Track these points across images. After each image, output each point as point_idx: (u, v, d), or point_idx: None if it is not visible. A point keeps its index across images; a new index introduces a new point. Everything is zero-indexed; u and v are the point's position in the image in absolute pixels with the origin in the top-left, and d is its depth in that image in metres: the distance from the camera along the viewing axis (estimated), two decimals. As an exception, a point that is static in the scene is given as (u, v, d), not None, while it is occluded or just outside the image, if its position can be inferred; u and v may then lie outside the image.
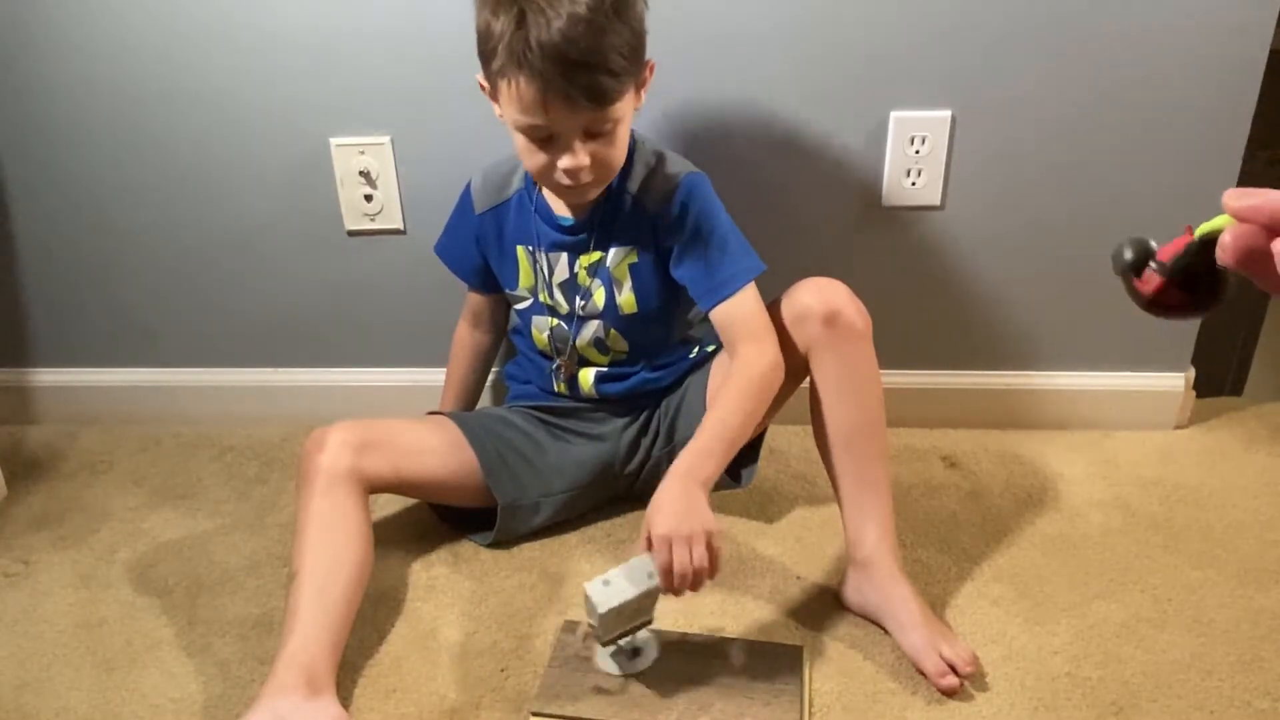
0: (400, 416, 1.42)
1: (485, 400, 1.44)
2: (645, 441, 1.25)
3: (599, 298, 1.18)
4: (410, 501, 1.30)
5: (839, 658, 1.05)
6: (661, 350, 1.23)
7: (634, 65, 1.00)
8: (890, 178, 1.32)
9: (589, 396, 1.24)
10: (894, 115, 1.29)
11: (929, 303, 1.40)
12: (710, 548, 0.95)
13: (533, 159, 1.04)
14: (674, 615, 1.11)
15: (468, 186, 1.22)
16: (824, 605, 1.12)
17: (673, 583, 0.95)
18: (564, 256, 1.17)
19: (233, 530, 1.29)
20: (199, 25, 1.29)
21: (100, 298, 1.48)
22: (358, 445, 1.09)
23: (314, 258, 1.43)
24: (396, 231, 1.40)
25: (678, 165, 1.14)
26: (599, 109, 0.98)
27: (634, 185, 1.13)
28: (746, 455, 1.22)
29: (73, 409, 1.54)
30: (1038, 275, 1.37)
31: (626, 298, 1.17)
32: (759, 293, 1.13)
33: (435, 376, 1.48)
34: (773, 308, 1.14)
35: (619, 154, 1.06)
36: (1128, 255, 0.50)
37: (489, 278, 1.26)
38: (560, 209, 1.16)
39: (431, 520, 1.27)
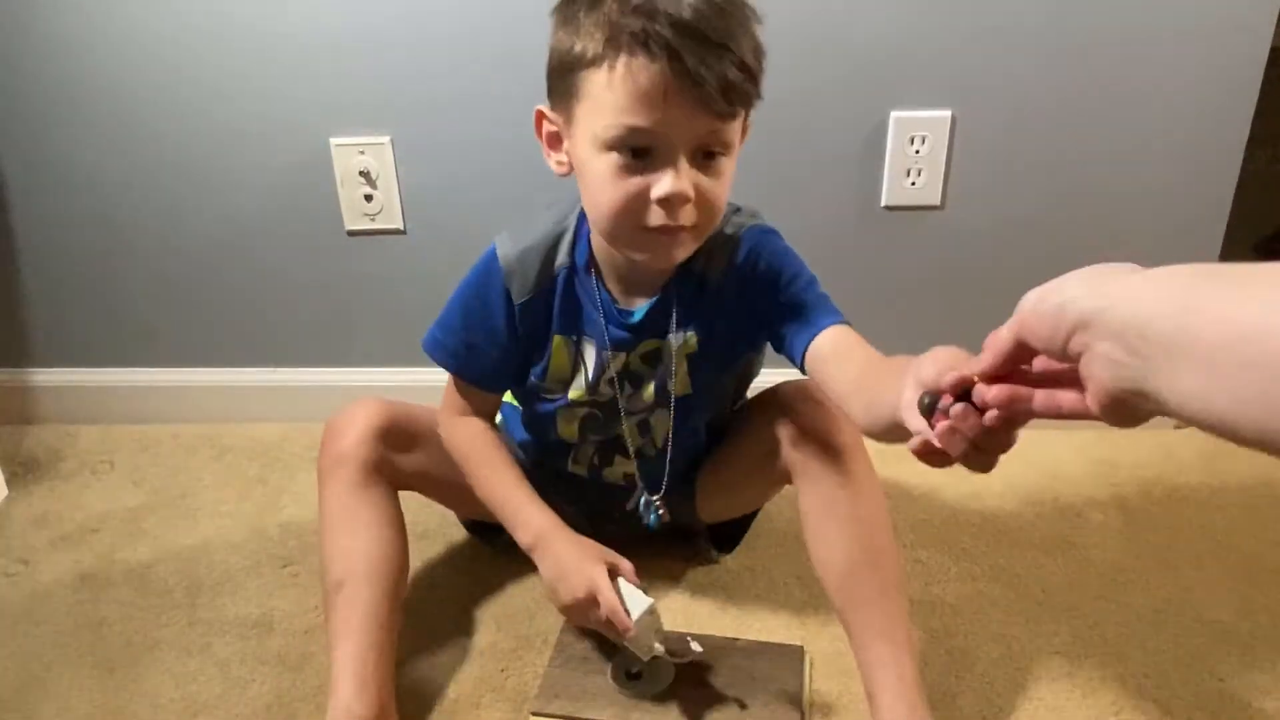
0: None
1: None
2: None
3: (649, 390, 1.00)
4: (410, 501, 1.30)
5: (839, 658, 1.05)
6: (700, 429, 1.07)
7: (758, 86, 0.82)
8: (890, 178, 1.32)
9: (610, 483, 1.09)
10: (894, 115, 1.29)
11: (929, 303, 1.40)
12: None
13: (618, 189, 0.81)
14: (675, 616, 1.11)
15: (493, 263, 0.96)
16: (824, 605, 1.12)
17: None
18: (622, 354, 0.98)
19: (233, 530, 1.29)
20: (199, 25, 1.29)
21: (100, 298, 1.48)
22: (388, 434, 1.00)
23: (314, 258, 1.43)
24: (396, 231, 1.40)
25: (735, 221, 0.96)
26: (725, 111, 0.79)
27: (700, 260, 0.93)
28: (736, 535, 1.19)
29: (73, 409, 1.54)
30: (1038, 275, 1.35)
31: (680, 380, 0.99)
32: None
33: (435, 376, 1.47)
34: (751, 411, 1.04)
35: (723, 199, 0.85)
36: (927, 401, 0.62)
37: (506, 375, 1.03)
38: (626, 299, 0.96)
39: (435, 522, 1.27)
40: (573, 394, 1.01)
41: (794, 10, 1.24)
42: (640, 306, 0.96)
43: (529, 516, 0.97)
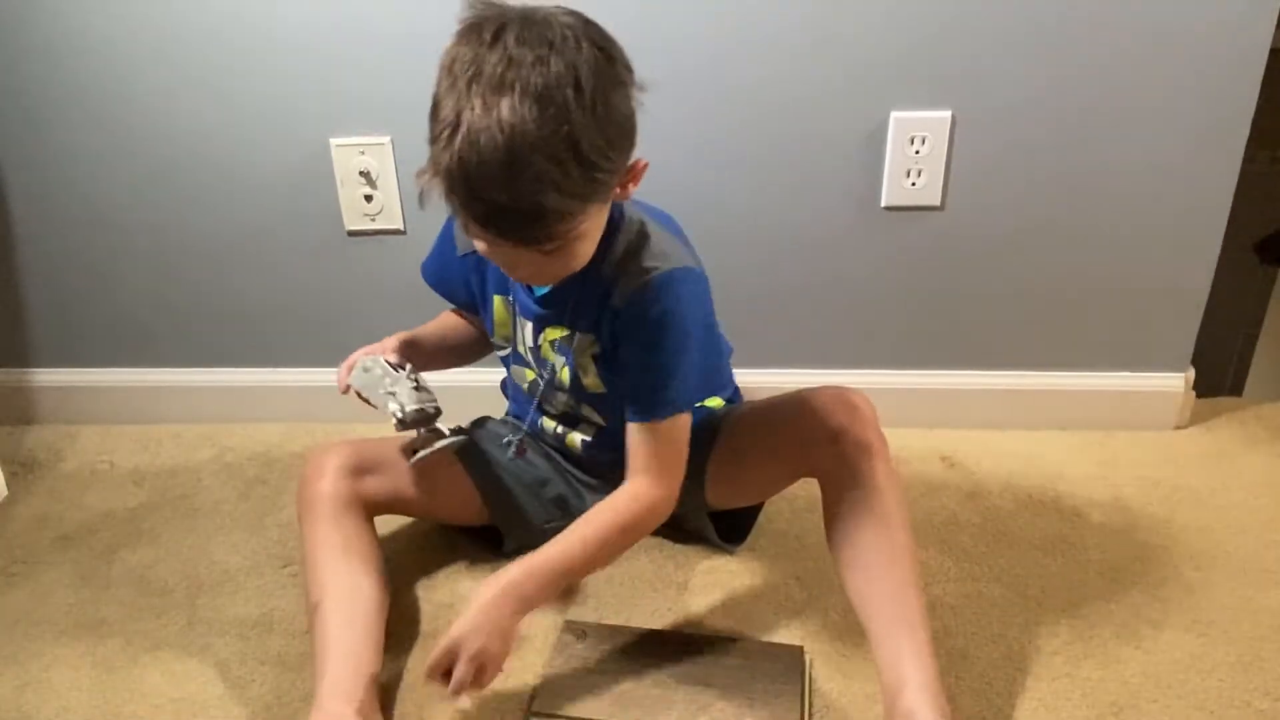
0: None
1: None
2: None
3: (564, 375, 1.06)
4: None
5: (839, 658, 1.05)
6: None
7: (586, 200, 0.83)
8: (890, 178, 1.32)
9: (576, 455, 1.16)
10: (894, 115, 1.29)
11: (929, 303, 1.40)
12: (487, 672, 0.91)
13: (482, 249, 0.89)
14: (676, 615, 1.11)
15: (450, 225, 1.10)
16: (824, 605, 1.12)
17: (435, 678, 0.91)
18: (530, 325, 1.06)
19: (233, 530, 1.29)
20: (199, 25, 1.29)
21: (100, 298, 1.48)
22: (356, 468, 1.07)
23: (314, 258, 1.43)
24: (396, 231, 1.40)
25: (658, 256, 0.96)
26: (538, 248, 0.84)
27: (609, 268, 0.97)
28: (744, 525, 1.20)
29: (73, 409, 1.54)
30: (1038, 275, 1.37)
31: (592, 380, 1.05)
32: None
33: (434, 376, 1.47)
34: (780, 407, 1.05)
35: (578, 261, 0.90)
36: None
37: (459, 291, 1.14)
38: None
39: (436, 526, 1.27)
40: (520, 347, 1.09)
41: (794, 10, 1.24)
42: (545, 287, 1.03)
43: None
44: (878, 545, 0.96)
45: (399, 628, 1.09)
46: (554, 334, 1.04)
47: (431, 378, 1.45)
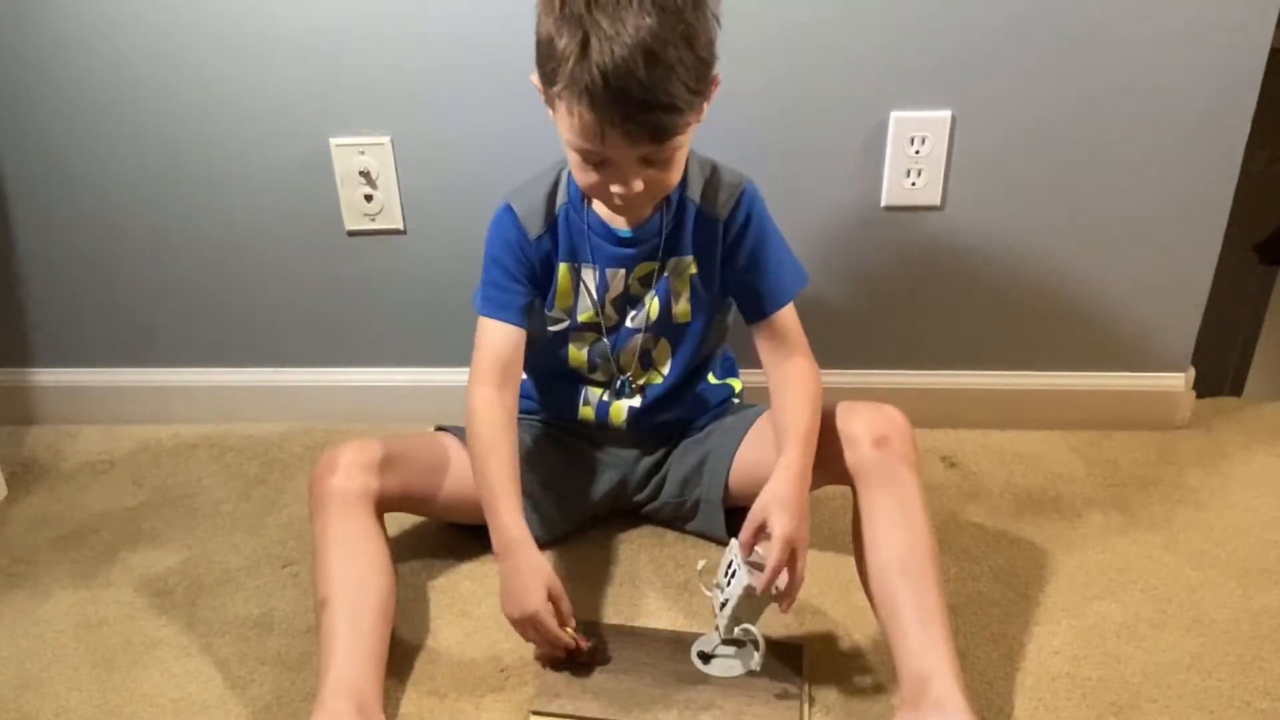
0: (400, 417, 1.43)
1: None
2: (657, 478, 1.22)
3: (653, 309, 1.13)
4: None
5: (839, 658, 1.05)
6: (699, 361, 1.19)
7: (700, 96, 0.94)
8: (890, 178, 1.32)
9: (616, 427, 1.20)
10: (894, 115, 1.29)
11: (929, 303, 1.40)
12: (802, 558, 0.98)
13: (584, 176, 0.99)
14: (676, 616, 1.11)
15: (510, 217, 1.11)
16: (824, 605, 1.12)
17: (774, 585, 0.96)
18: (621, 272, 1.12)
19: (233, 530, 1.29)
20: (199, 25, 1.29)
21: (100, 298, 1.48)
22: (369, 465, 1.07)
23: (314, 258, 1.43)
24: (396, 231, 1.40)
25: (732, 173, 1.12)
26: (659, 144, 0.94)
27: (695, 193, 1.10)
28: None
29: (73, 409, 1.54)
30: (1038, 275, 1.37)
31: (682, 307, 1.14)
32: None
33: (435, 376, 1.48)
34: (827, 409, 1.10)
35: (675, 177, 1.01)
36: None
37: (524, 309, 1.13)
38: (618, 222, 1.10)
39: (439, 526, 1.27)
40: (581, 316, 1.14)
41: (794, 10, 1.24)
42: (637, 228, 1.10)
43: (506, 522, 1.04)
44: (909, 545, 0.99)
45: (405, 627, 1.10)
46: (644, 270, 1.12)
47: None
